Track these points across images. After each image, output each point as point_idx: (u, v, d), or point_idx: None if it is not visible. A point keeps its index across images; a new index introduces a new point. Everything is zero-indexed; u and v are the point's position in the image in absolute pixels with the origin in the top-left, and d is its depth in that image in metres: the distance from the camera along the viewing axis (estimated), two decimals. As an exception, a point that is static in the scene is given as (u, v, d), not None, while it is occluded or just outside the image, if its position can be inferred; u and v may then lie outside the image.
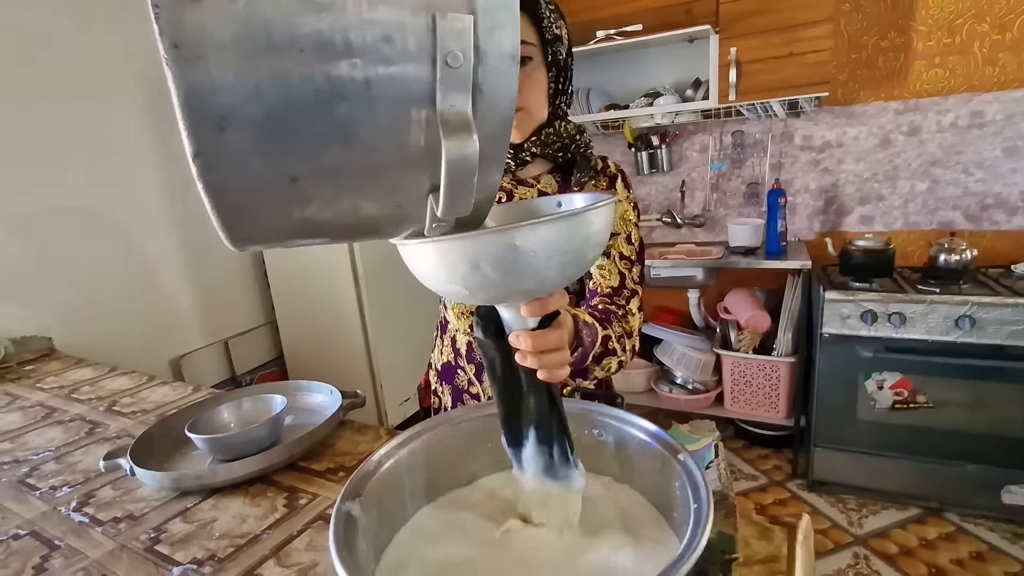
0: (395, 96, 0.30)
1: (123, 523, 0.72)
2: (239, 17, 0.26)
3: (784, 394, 2.15)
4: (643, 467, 0.56)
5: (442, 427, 0.59)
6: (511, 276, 0.40)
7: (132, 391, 1.24)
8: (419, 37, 0.29)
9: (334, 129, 0.30)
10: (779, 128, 2.31)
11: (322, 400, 1.04)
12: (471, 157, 0.31)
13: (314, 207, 0.34)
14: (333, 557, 0.40)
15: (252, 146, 0.30)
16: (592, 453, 0.60)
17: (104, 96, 1.83)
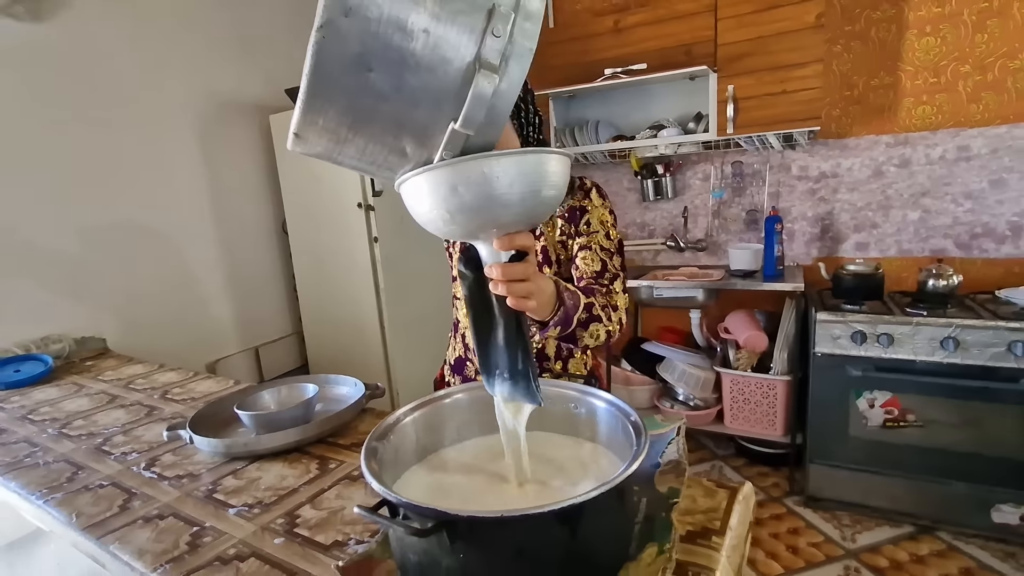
0: (455, 42, 0.47)
1: (185, 479, 0.88)
2: None
3: (781, 412, 2.24)
4: (605, 429, 0.70)
5: (444, 399, 0.74)
6: (481, 199, 0.51)
7: (180, 383, 1.41)
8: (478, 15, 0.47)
9: (411, 53, 0.46)
10: (777, 159, 2.45)
11: (347, 391, 1.19)
12: (490, 89, 0.48)
13: (373, 98, 0.48)
14: (363, 464, 0.54)
15: (357, 37, 0.44)
16: (569, 422, 0.74)
17: (165, 130, 2.07)
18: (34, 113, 1.75)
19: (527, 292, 0.60)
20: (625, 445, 0.65)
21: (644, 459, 0.57)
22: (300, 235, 2.37)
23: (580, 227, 1.00)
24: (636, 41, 2.41)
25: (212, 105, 2.22)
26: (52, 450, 1.04)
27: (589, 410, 0.72)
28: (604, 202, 1.03)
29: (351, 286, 2.24)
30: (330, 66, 0.46)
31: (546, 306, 0.71)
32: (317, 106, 0.49)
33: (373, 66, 0.47)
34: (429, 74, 0.48)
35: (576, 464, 0.68)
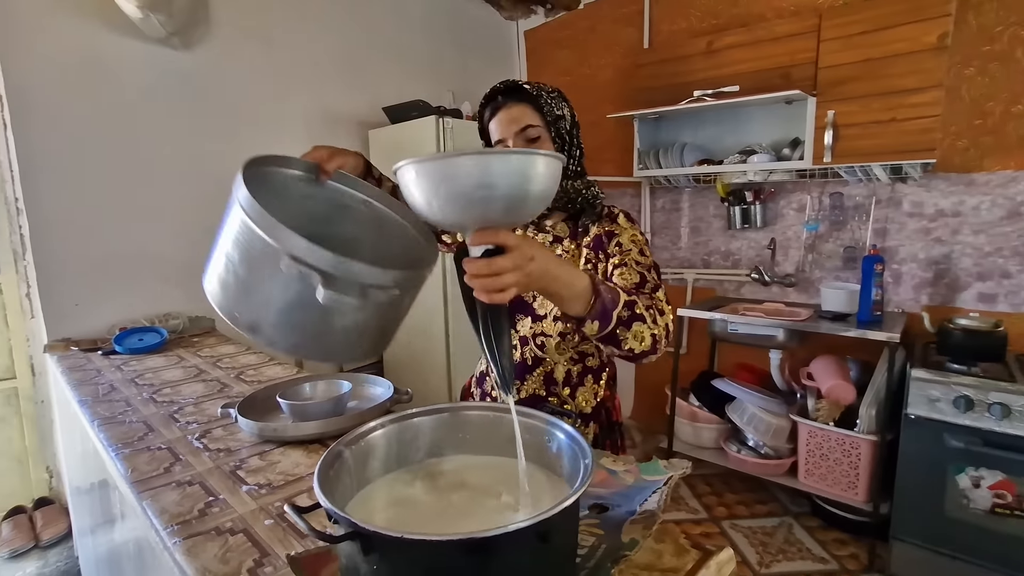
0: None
1: (222, 453, 1.01)
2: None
3: (865, 475, 1.99)
4: (568, 465, 0.69)
5: (431, 415, 0.78)
6: (466, 194, 0.54)
7: (255, 366, 1.60)
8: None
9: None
10: (885, 192, 2.20)
11: (381, 392, 1.28)
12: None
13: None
14: (316, 472, 0.60)
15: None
16: (541, 452, 0.75)
17: (280, 142, 2.36)
18: (174, 126, 2.09)
19: (500, 286, 0.60)
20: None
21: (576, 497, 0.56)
22: (384, 241, 2.56)
23: (611, 249, 0.99)
24: (729, 63, 2.31)
25: (321, 120, 2.49)
26: (139, 411, 1.24)
27: (559, 445, 0.72)
28: (633, 225, 1.03)
29: (422, 294, 2.37)
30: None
31: (578, 299, 0.71)
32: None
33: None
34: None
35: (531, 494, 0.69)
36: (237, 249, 0.69)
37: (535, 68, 3.35)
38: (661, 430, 2.68)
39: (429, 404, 0.79)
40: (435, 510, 0.66)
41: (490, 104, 1.00)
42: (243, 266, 0.68)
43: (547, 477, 0.73)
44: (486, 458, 0.77)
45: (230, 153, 2.22)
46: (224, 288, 0.72)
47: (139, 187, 2.03)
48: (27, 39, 1.79)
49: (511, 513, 0.65)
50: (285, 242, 0.64)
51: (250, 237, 0.66)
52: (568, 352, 1.04)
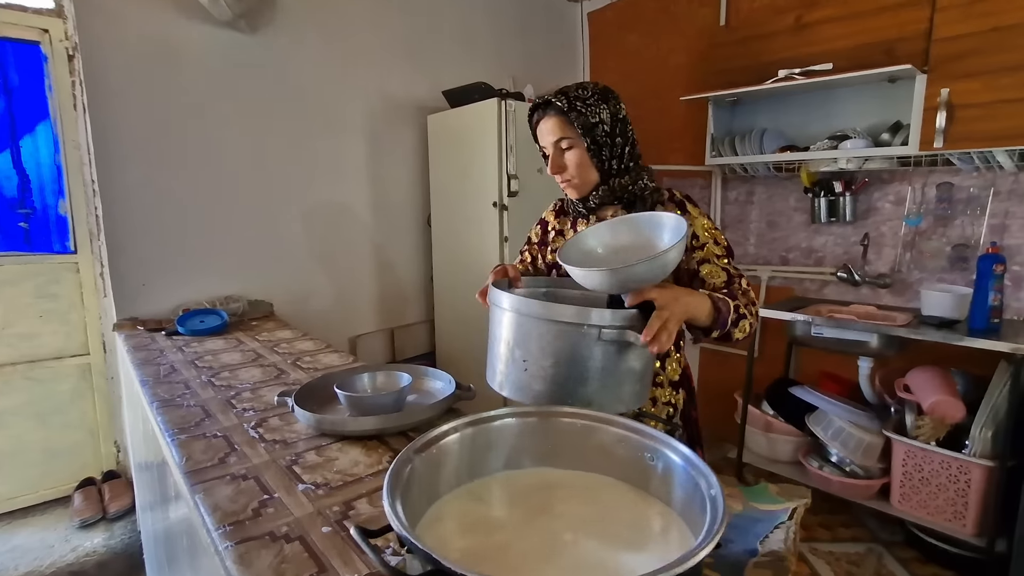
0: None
1: (278, 445, 0.94)
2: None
3: (975, 504, 1.75)
4: (681, 493, 0.57)
5: (509, 418, 0.67)
6: (620, 287, 0.77)
7: (312, 353, 1.55)
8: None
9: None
10: (1006, 183, 1.92)
11: (441, 386, 1.19)
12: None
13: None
14: (386, 487, 0.50)
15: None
16: (642, 472, 0.63)
17: (340, 126, 2.34)
18: (240, 110, 2.09)
19: (668, 339, 0.73)
20: (700, 517, 0.52)
21: (713, 546, 0.44)
22: (441, 229, 2.49)
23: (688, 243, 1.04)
24: (821, 40, 2.10)
25: (381, 104, 2.45)
26: (198, 395, 1.20)
27: (666, 465, 0.60)
28: (699, 210, 1.07)
29: (479, 282, 2.28)
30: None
31: (707, 318, 0.87)
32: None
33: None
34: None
35: (637, 530, 0.57)
36: (552, 351, 0.78)
37: (599, 52, 3.19)
38: (728, 438, 2.49)
39: (481, 404, 0.82)
40: (522, 543, 0.56)
41: (535, 113, 1.07)
42: (565, 363, 0.78)
43: (642, 499, 0.61)
44: (572, 474, 0.66)
45: (293, 136, 2.23)
46: (554, 387, 0.79)
47: (205, 171, 2.04)
48: (103, 24, 1.81)
49: (615, 554, 0.53)
50: (596, 319, 0.75)
51: (564, 332, 0.76)
52: None
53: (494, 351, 0.87)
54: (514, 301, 0.81)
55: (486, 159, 2.16)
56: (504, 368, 0.85)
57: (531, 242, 1.26)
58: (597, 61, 3.21)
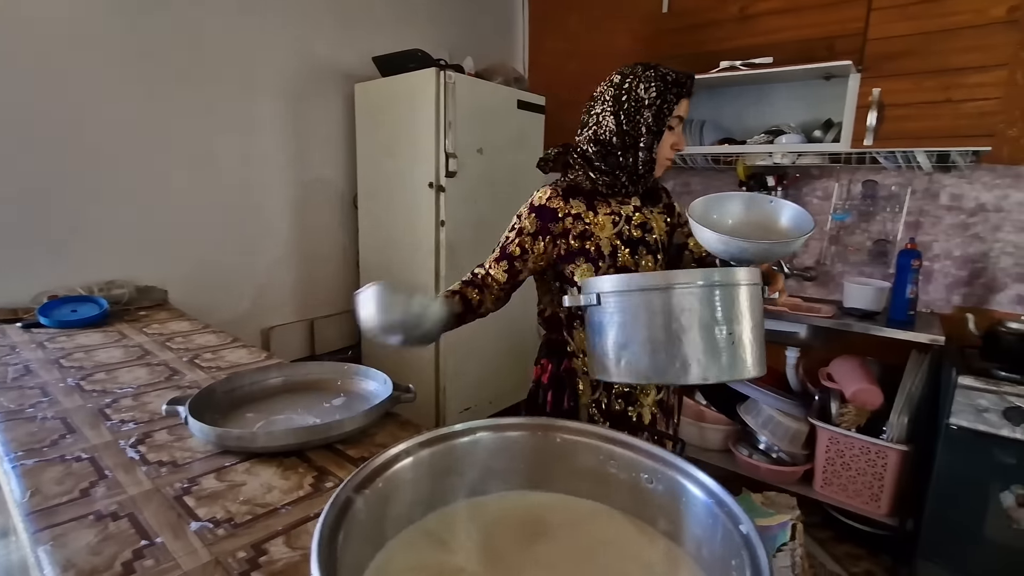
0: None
1: (165, 467, 0.75)
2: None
3: (890, 487, 1.85)
4: (693, 527, 0.46)
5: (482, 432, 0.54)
6: (752, 256, 0.87)
7: (215, 348, 1.32)
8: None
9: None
10: (922, 183, 2.04)
11: (374, 388, 1.03)
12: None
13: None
14: (315, 545, 0.35)
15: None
16: (638, 498, 0.52)
17: (256, 89, 2.04)
18: (137, 63, 1.75)
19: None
20: (720, 560, 0.42)
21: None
22: (370, 210, 2.27)
23: (676, 220, 1.20)
24: (764, 31, 2.10)
25: (302, 67, 2.17)
26: (59, 403, 0.95)
27: (669, 490, 0.49)
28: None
29: (412, 269, 2.11)
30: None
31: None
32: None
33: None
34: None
35: (637, 573, 0.46)
36: (750, 314, 0.78)
37: (540, 31, 3.07)
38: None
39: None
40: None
41: (682, 88, 1.05)
42: (759, 324, 0.80)
43: (640, 532, 0.50)
44: (556, 500, 0.54)
45: (194, 96, 1.91)
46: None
47: (77, 132, 1.69)
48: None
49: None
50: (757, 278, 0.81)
51: (751, 292, 0.79)
52: None
53: (685, 339, 0.75)
54: (717, 274, 0.76)
55: (421, 135, 1.98)
56: (701, 351, 0.75)
57: (523, 232, 1.08)
58: (537, 42, 3.10)
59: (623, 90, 1.05)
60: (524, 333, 2.54)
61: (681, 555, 0.47)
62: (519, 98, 2.24)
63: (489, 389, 2.34)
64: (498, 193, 2.24)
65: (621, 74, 1.07)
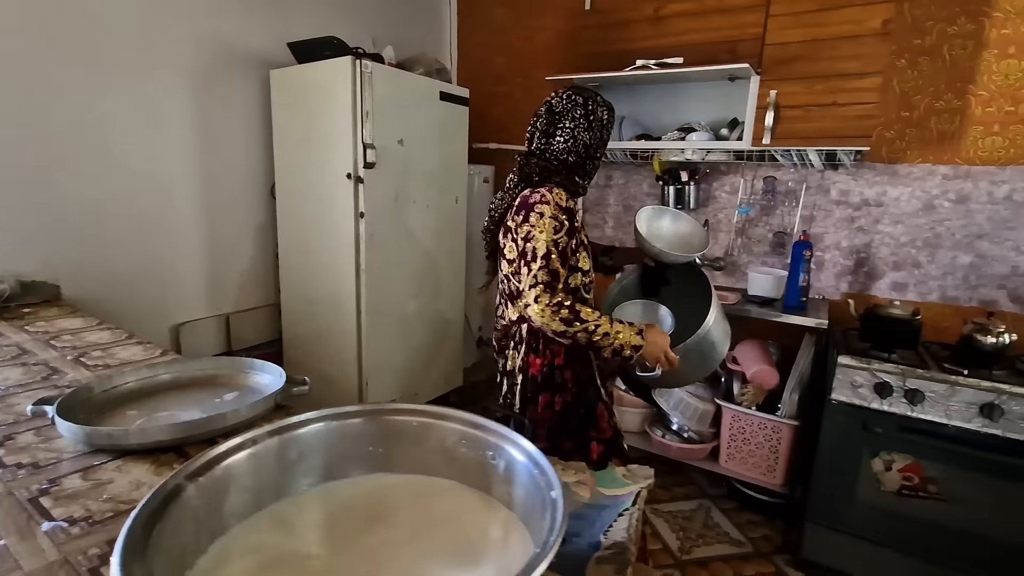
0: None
1: (24, 469, 0.72)
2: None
3: (784, 459, 2.01)
4: (525, 496, 0.50)
5: (322, 422, 0.55)
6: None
7: (106, 346, 1.26)
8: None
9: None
10: (815, 179, 2.21)
11: (269, 381, 1.02)
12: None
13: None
14: (122, 537, 0.36)
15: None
16: (485, 474, 0.55)
17: (159, 71, 1.92)
18: (17, 35, 1.61)
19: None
20: (540, 523, 0.46)
21: (548, 561, 0.37)
22: (288, 201, 2.21)
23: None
24: (676, 32, 2.20)
25: (213, 51, 2.07)
26: (-89, 408, 0.89)
27: (508, 464, 0.53)
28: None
29: (332, 262, 2.08)
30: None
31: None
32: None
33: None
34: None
35: (475, 540, 0.49)
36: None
37: (468, 23, 3.07)
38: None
39: (336, 394, 0.64)
40: (339, 571, 0.45)
41: (613, 114, 1.38)
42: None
43: (487, 505, 0.54)
44: (407, 479, 0.57)
45: (87, 80, 1.77)
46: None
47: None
48: None
49: (448, 571, 0.45)
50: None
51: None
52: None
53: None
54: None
55: (338, 125, 1.94)
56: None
57: (579, 229, 1.23)
58: (465, 35, 3.09)
59: (589, 110, 1.28)
60: (451, 325, 2.56)
61: (514, 520, 0.51)
62: (441, 90, 2.23)
63: (415, 380, 2.35)
64: (421, 185, 2.23)
65: (582, 96, 1.29)
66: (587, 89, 1.33)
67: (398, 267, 2.17)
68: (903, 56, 2.00)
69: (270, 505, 0.51)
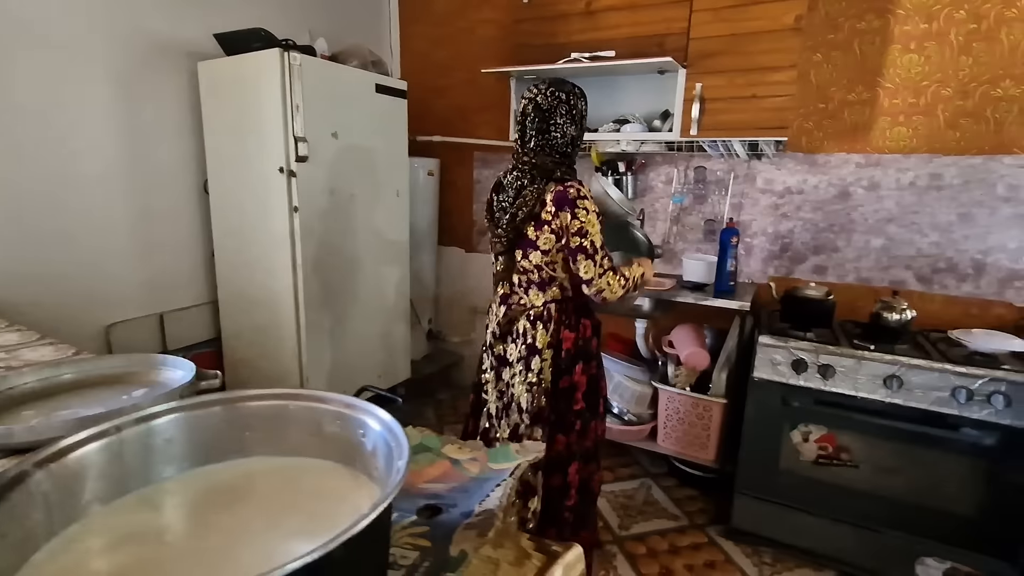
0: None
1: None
2: None
3: (715, 436, 2.11)
4: (384, 466, 0.54)
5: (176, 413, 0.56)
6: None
7: (12, 348, 1.22)
8: None
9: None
10: (743, 169, 2.31)
11: (180, 376, 1.01)
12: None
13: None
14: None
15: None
16: (354, 450, 0.58)
17: (79, 63, 1.85)
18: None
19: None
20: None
21: (365, 524, 0.40)
22: (221, 197, 2.17)
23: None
24: (607, 26, 2.25)
25: (136, 42, 2.00)
26: None
27: (375, 440, 0.56)
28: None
29: (268, 257, 2.05)
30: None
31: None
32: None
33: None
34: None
35: (335, 514, 0.52)
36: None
37: (410, 15, 3.05)
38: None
39: (273, 385, 0.66)
40: (188, 548, 0.47)
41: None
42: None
43: (354, 481, 0.57)
44: (281, 460, 0.59)
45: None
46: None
47: None
48: None
49: (297, 543, 0.48)
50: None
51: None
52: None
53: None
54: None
55: (269, 119, 1.92)
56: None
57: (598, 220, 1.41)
58: (407, 27, 3.07)
59: (572, 104, 1.41)
60: (396, 319, 2.56)
61: (377, 492, 0.54)
62: (377, 82, 2.23)
63: (358, 375, 2.35)
64: (359, 178, 2.22)
65: (563, 92, 1.40)
66: (565, 82, 1.44)
67: (336, 261, 2.17)
68: (818, 50, 2.11)
69: (130, 493, 0.52)
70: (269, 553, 0.47)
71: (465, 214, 3.08)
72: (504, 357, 1.51)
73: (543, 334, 1.43)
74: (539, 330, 1.44)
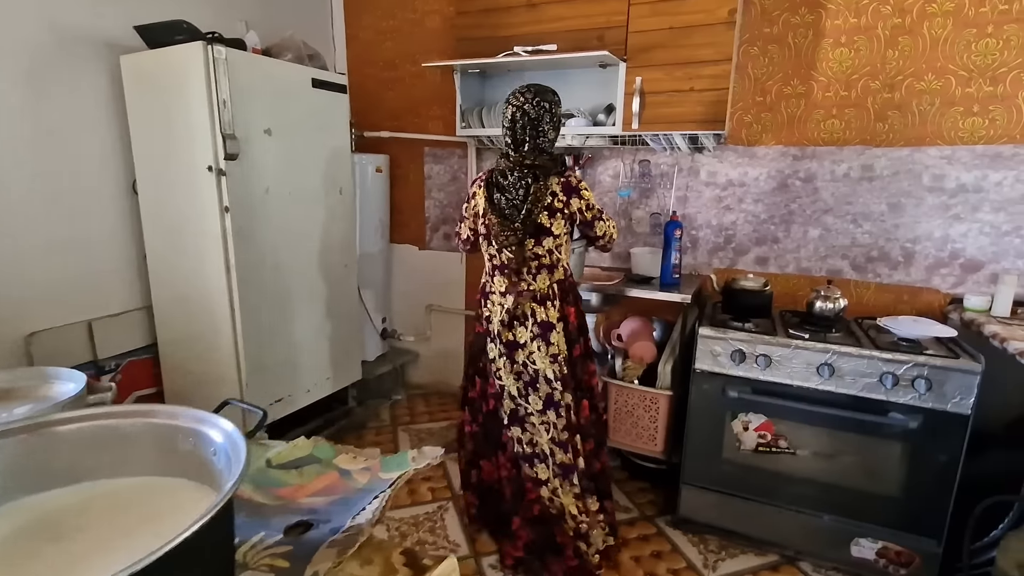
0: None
1: None
2: None
3: (662, 427, 2.13)
4: (228, 477, 0.51)
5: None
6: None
7: None
8: None
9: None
10: (687, 162, 2.33)
11: (71, 390, 0.96)
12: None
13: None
14: None
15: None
16: (205, 466, 0.55)
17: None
18: None
19: None
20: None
21: (177, 543, 0.38)
22: (151, 197, 2.07)
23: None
24: (550, 19, 2.23)
25: (50, 37, 1.89)
26: None
27: (223, 454, 0.53)
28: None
29: (201, 259, 1.98)
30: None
31: None
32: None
33: None
34: None
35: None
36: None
37: (355, 8, 2.98)
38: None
39: (217, 396, 0.61)
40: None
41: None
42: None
43: (204, 497, 0.54)
44: (128, 481, 0.56)
45: None
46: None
47: None
48: None
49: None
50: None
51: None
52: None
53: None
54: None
55: (195, 115, 1.84)
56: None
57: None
58: (352, 18, 3.00)
59: (553, 113, 1.65)
60: (343, 320, 2.50)
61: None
62: (314, 76, 2.16)
63: (303, 378, 2.29)
64: (297, 176, 2.16)
65: (547, 101, 1.63)
66: (547, 90, 1.66)
67: (274, 262, 2.10)
68: (755, 44, 2.13)
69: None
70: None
71: (417, 211, 3.03)
72: (515, 342, 1.69)
73: (553, 311, 1.66)
74: (549, 308, 1.66)
